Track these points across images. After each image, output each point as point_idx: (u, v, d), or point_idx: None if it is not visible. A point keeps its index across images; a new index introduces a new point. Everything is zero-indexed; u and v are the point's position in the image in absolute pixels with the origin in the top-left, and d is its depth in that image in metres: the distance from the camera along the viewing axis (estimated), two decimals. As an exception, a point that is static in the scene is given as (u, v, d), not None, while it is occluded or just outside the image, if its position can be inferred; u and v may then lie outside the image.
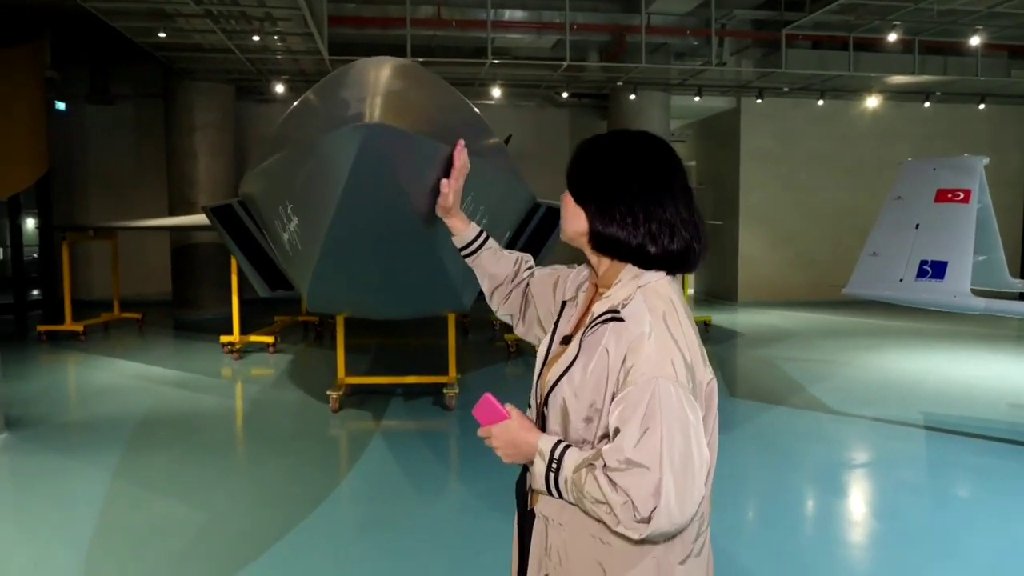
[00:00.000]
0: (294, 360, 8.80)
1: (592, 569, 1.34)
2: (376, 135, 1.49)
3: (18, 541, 3.97)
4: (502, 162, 2.83)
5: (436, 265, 2.05)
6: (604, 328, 1.34)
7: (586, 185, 1.44)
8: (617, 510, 1.24)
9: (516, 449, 1.38)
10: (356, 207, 1.75)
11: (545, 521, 1.40)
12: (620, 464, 1.24)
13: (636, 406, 1.25)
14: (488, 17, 10.39)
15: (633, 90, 12.50)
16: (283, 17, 8.97)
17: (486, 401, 1.40)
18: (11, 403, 6.50)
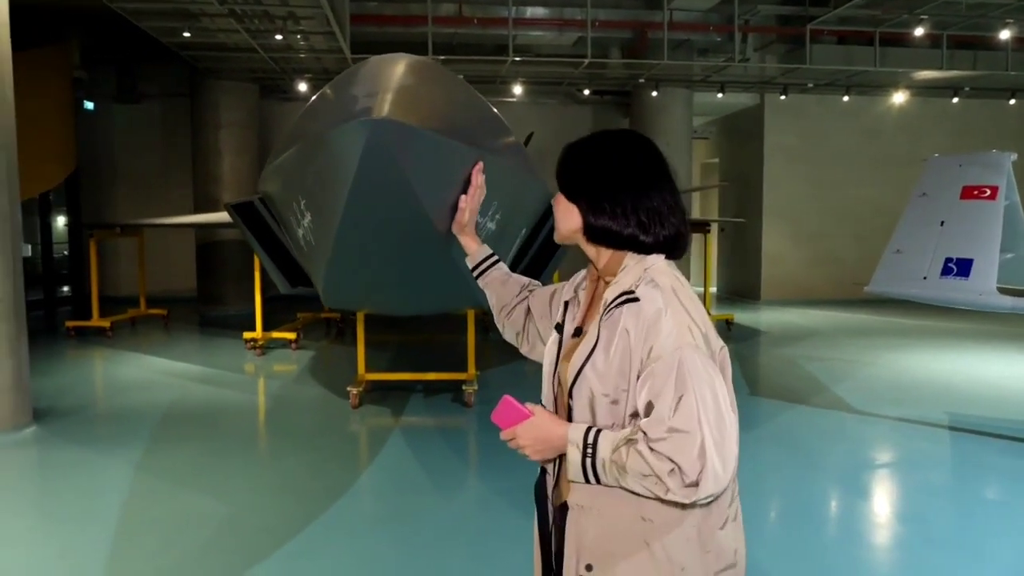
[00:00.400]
0: (316, 356, 8.87)
1: (637, 547, 1.37)
2: (383, 130, 1.50)
3: (44, 532, 4.05)
4: (518, 161, 2.81)
5: (449, 261, 2.05)
6: (620, 311, 1.38)
7: (576, 182, 1.50)
8: (665, 479, 1.27)
9: (546, 444, 1.40)
10: (366, 202, 1.76)
11: (580, 511, 1.42)
12: (663, 434, 1.27)
13: (667, 378, 1.30)
14: (509, 14, 10.39)
15: (655, 87, 12.43)
16: (306, 16, 9.03)
17: (506, 403, 1.41)
18: (39, 397, 6.62)
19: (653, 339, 1.33)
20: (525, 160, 3.24)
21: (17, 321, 5.62)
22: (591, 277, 1.58)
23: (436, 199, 1.74)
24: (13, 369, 5.56)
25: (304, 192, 1.91)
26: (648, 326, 1.34)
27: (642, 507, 1.36)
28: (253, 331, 9.05)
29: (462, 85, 2.47)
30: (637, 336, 1.35)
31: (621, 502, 1.36)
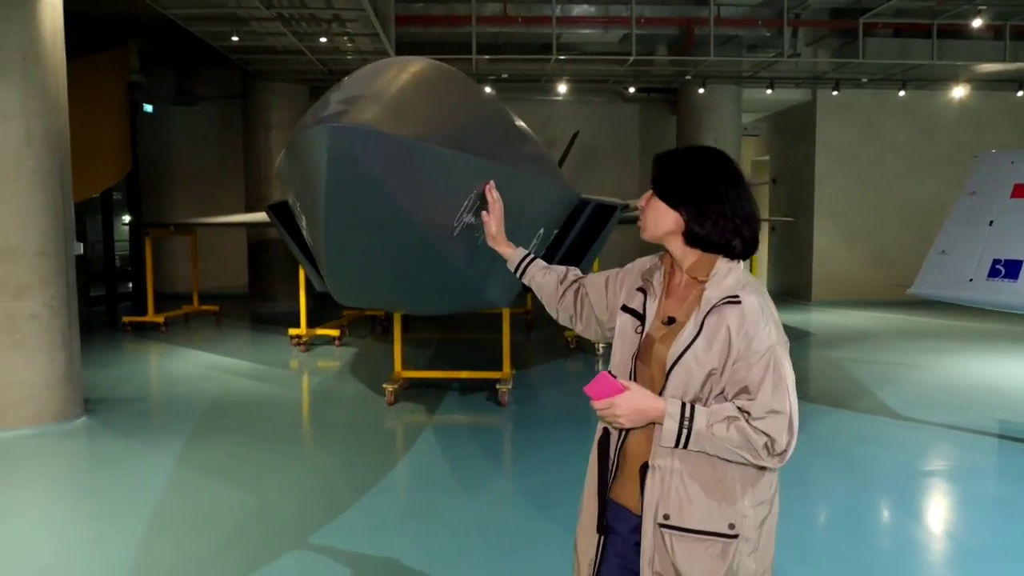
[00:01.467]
0: (358, 353, 9.02)
1: (707, 500, 1.66)
2: (344, 135, 1.51)
3: (82, 519, 4.22)
4: (535, 166, 2.80)
5: (443, 264, 2.06)
6: (724, 310, 1.63)
7: (681, 191, 1.71)
8: (759, 449, 1.59)
9: (641, 414, 1.64)
10: (343, 207, 1.78)
11: (661, 470, 1.67)
12: (763, 414, 1.58)
13: (765, 370, 1.60)
14: (553, 13, 10.37)
15: (703, 83, 12.24)
16: (350, 18, 9.17)
17: (603, 377, 1.64)
18: (93, 388, 6.90)
19: (752, 337, 1.61)
20: (545, 164, 3.23)
21: (69, 316, 5.86)
22: (666, 268, 1.81)
23: (424, 205, 1.76)
24: (65, 362, 5.80)
25: (296, 194, 1.96)
26: (748, 326, 1.61)
27: (714, 469, 1.65)
28: (298, 328, 9.25)
29: (475, 93, 2.47)
30: (737, 333, 1.61)
31: (697, 464, 1.65)
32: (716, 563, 1.65)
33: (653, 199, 1.75)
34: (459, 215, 1.98)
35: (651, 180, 1.76)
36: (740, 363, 1.61)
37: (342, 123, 1.50)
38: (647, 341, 1.76)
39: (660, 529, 1.68)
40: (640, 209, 1.79)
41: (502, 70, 12.43)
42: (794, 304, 13.27)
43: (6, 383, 5.55)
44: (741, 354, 1.61)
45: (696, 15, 11.00)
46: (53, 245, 5.69)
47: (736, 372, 1.62)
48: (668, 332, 1.72)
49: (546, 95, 14.11)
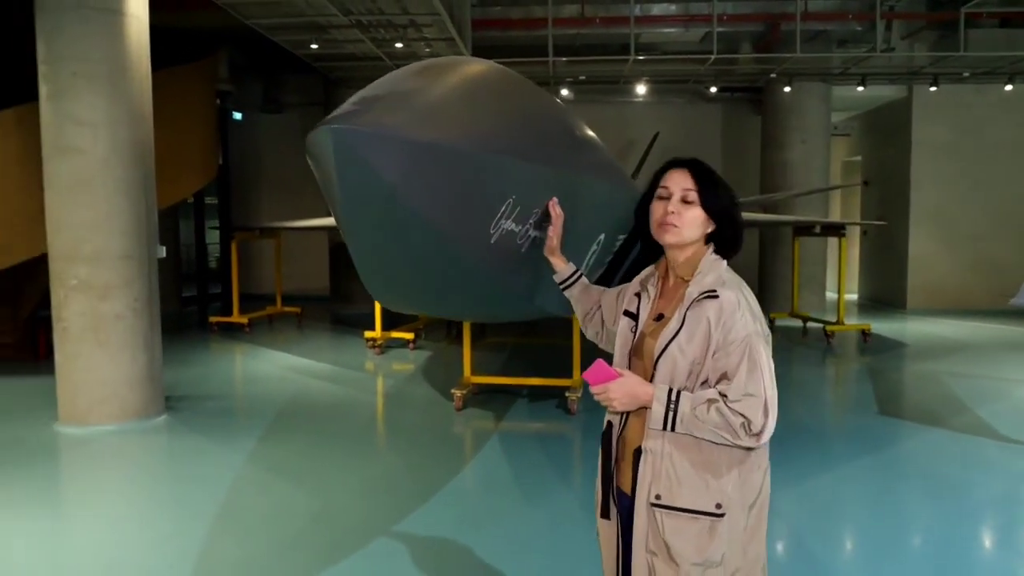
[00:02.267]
0: (432, 357, 9.05)
1: (695, 480, 1.78)
2: (344, 137, 1.44)
3: (153, 515, 4.34)
4: (590, 168, 2.67)
5: (479, 271, 1.97)
6: (704, 304, 1.77)
7: (721, 199, 1.87)
8: (737, 429, 1.71)
9: (633, 398, 1.79)
10: (356, 210, 1.72)
11: (651, 454, 1.80)
12: (739, 396, 1.71)
13: (741, 357, 1.72)
14: (632, 13, 10.16)
15: (788, 81, 11.77)
16: (426, 23, 9.23)
17: (599, 365, 1.79)
18: (177, 387, 7.16)
19: (729, 327, 1.74)
20: (605, 168, 3.08)
21: (151, 318, 6.08)
22: (660, 273, 1.96)
23: (447, 209, 1.68)
24: (147, 362, 6.02)
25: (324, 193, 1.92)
26: (726, 318, 1.74)
27: (702, 451, 1.77)
28: (374, 330, 9.36)
29: (521, 93, 2.36)
30: (716, 324, 1.74)
31: (685, 447, 1.77)
32: (704, 539, 1.77)
33: (694, 207, 1.85)
34: (496, 221, 1.89)
35: (689, 188, 1.85)
36: (720, 352, 1.74)
37: (346, 124, 1.43)
38: (639, 337, 1.91)
39: (652, 508, 1.80)
40: (670, 214, 1.85)
41: (579, 72, 12.29)
42: (887, 312, 12.58)
43: (91, 381, 5.79)
44: (720, 344, 1.74)
45: (782, 10, 10.60)
46: (136, 249, 5.91)
47: (716, 361, 1.75)
48: (656, 327, 1.87)
49: (625, 96, 13.89)
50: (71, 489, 4.90)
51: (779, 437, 1.81)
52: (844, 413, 6.97)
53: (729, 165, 14.42)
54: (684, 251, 1.88)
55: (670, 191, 1.87)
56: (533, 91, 2.57)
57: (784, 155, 12.36)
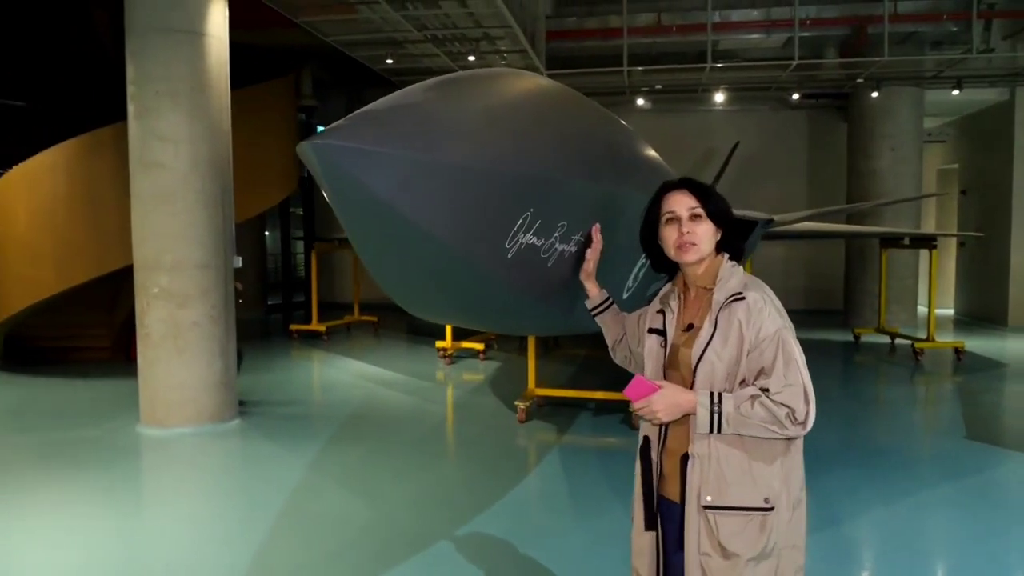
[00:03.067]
0: (501, 368, 9.06)
1: (742, 478, 1.85)
2: (324, 152, 1.43)
3: (215, 518, 4.49)
4: (628, 180, 2.59)
5: (499, 285, 1.93)
6: (732, 307, 1.86)
7: (723, 210, 1.99)
8: (783, 419, 1.79)
9: (676, 407, 1.84)
10: (354, 223, 1.72)
11: (699, 459, 1.86)
12: (780, 388, 1.79)
13: (776, 351, 1.82)
14: (709, 19, 9.95)
15: (876, 86, 11.27)
16: (499, 36, 9.30)
17: (638, 380, 1.85)
18: (252, 392, 7.42)
19: (758, 325, 1.83)
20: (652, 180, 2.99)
21: (226, 326, 6.32)
22: (679, 289, 2.04)
23: (450, 223, 1.66)
24: (221, 369, 6.25)
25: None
26: (755, 317, 1.84)
27: (746, 449, 1.84)
28: (445, 340, 9.45)
29: (570, 109, 2.31)
30: (747, 324, 1.84)
31: (730, 447, 1.84)
32: (757, 536, 1.84)
33: (703, 221, 1.96)
34: (512, 235, 1.85)
35: (694, 205, 1.96)
36: (754, 351, 1.83)
37: (329, 140, 1.43)
38: (672, 350, 1.98)
39: (704, 512, 1.86)
40: (685, 234, 1.95)
41: (656, 81, 12.12)
42: (985, 329, 11.83)
43: (170, 386, 6.06)
44: (753, 343, 1.83)
45: (869, 13, 10.16)
46: (214, 259, 6.16)
47: (751, 359, 1.84)
48: (689, 336, 1.94)
49: (704, 105, 13.61)
50: (144, 488, 5.12)
51: (857, 460, 1.82)
52: (929, 436, 6.57)
53: (814, 174, 13.92)
54: (702, 264, 1.98)
55: (677, 213, 1.98)
56: (574, 104, 2.51)
57: (872, 163, 11.83)
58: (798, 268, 14.01)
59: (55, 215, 8.12)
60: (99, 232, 7.94)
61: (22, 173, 8.25)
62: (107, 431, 6.14)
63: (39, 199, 8.20)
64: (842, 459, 5.31)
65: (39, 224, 8.18)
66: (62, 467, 5.30)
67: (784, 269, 13.71)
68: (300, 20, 8.66)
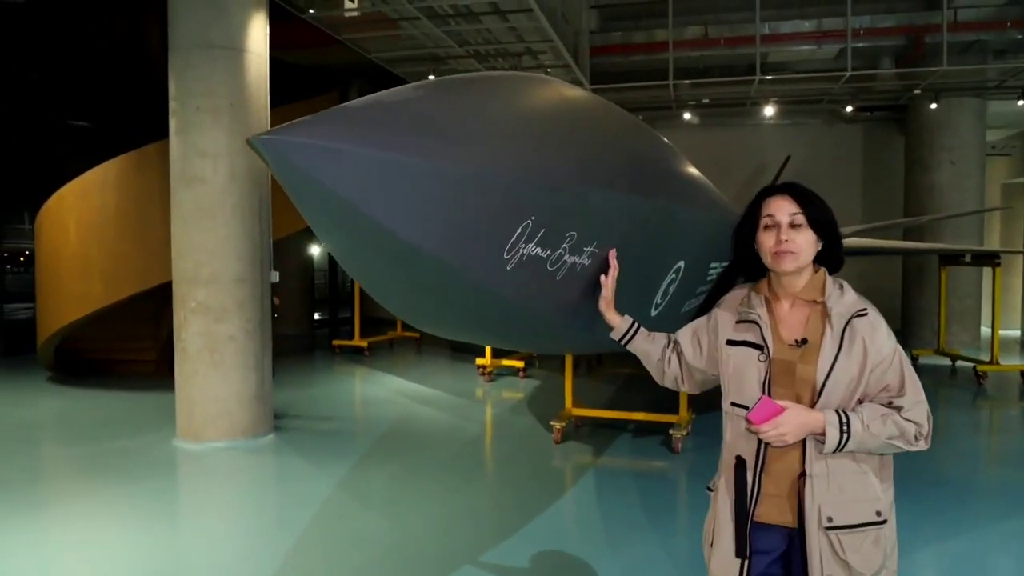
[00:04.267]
0: (541, 386, 8.90)
1: (861, 492, 1.83)
2: (271, 147, 1.32)
3: (238, 533, 4.42)
4: (664, 196, 2.44)
5: (497, 299, 1.80)
6: (857, 323, 1.82)
7: (827, 217, 1.90)
8: (910, 436, 1.79)
9: (804, 427, 1.77)
10: (320, 225, 1.60)
11: (817, 478, 1.81)
12: (911, 405, 1.79)
13: (899, 368, 1.81)
14: (758, 32, 9.70)
15: (935, 98, 10.83)
16: (541, 50, 9.24)
17: (765, 402, 1.77)
18: (290, 406, 7.42)
19: (881, 343, 1.81)
20: (691, 194, 2.82)
21: (262, 339, 6.31)
22: (765, 297, 1.94)
23: (432, 231, 1.54)
24: (256, 382, 6.24)
25: None
26: (875, 333, 1.82)
27: (858, 465, 1.82)
28: (484, 357, 9.33)
29: (588, 115, 2.18)
30: (870, 341, 1.81)
31: (844, 464, 1.81)
32: (874, 549, 1.82)
33: (804, 229, 1.87)
34: (510, 245, 1.72)
35: (796, 212, 1.87)
36: (878, 368, 1.80)
37: (280, 136, 1.33)
38: (781, 366, 1.86)
39: (826, 532, 1.80)
40: (784, 242, 1.86)
41: (703, 95, 11.89)
42: (1057, 352, 11.19)
43: (206, 399, 6.07)
44: (876, 361, 1.80)
45: (927, 21, 9.78)
46: (250, 273, 6.17)
47: (874, 377, 1.81)
48: (805, 352, 1.85)
49: (754, 119, 13.30)
50: (170, 502, 5.09)
51: (917, 492, 1.69)
52: (994, 466, 6.17)
53: (870, 189, 13.46)
54: (802, 274, 1.90)
55: (776, 219, 1.89)
56: (596, 111, 2.37)
57: (931, 177, 11.36)
58: (853, 286, 13.49)
59: (104, 230, 8.29)
60: (145, 247, 8.07)
61: (73, 189, 8.47)
62: (144, 444, 6.17)
63: (89, 214, 8.39)
64: (900, 490, 4.97)
65: (89, 239, 8.37)
66: (95, 479, 5.34)
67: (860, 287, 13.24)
68: (343, 37, 8.74)
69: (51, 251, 8.75)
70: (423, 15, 7.99)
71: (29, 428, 6.99)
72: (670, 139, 3.61)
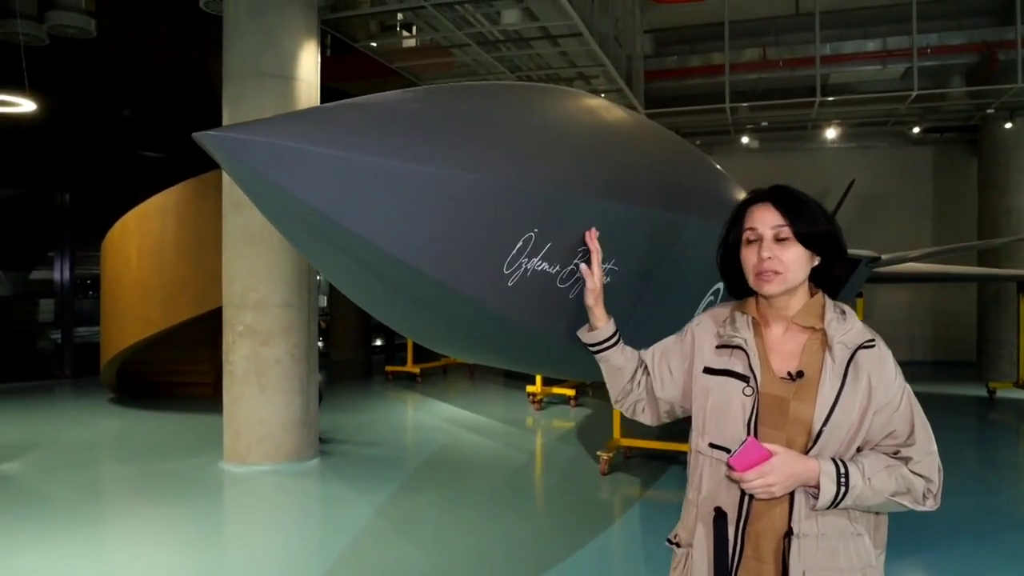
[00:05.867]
0: (592, 415, 8.70)
1: (855, 558, 1.55)
2: (220, 144, 1.23)
3: (272, 560, 4.37)
4: (695, 211, 2.29)
5: (493, 317, 1.67)
6: (860, 357, 1.55)
7: (820, 230, 1.60)
8: (918, 493, 1.54)
9: (795, 478, 1.50)
10: (289, 232, 1.52)
11: (806, 538, 1.53)
12: (922, 457, 1.54)
13: (909, 411, 1.56)
14: (817, 52, 9.43)
15: (1009, 117, 10.32)
16: (593, 75, 9.17)
17: (751, 445, 1.49)
18: (337, 431, 7.42)
19: (888, 380, 1.55)
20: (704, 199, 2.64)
21: (309, 364, 6.33)
22: (754, 318, 1.65)
23: (420, 241, 1.44)
24: (301, 407, 6.25)
25: None
26: (884, 369, 1.55)
27: (852, 525, 1.55)
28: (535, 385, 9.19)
29: (608, 123, 2.07)
30: (879, 379, 1.54)
31: (834, 522, 1.54)
32: None
33: (791, 244, 1.59)
34: (511, 259, 1.61)
35: (780, 224, 1.59)
36: (884, 411, 1.55)
37: (235, 133, 1.25)
38: (771, 402, 1.57)
39: None
40: (766, 260, 1.58)
41: (762, 118, 11.62)
42: None
43: (252, 422, 6.11)
44: (883, 402, 1.55)
45: (999, 37, 9.35)
46: (297, 298, 6.21)
47: (879, 420, 1.55)
48: (801, 388, 1.57)
49: (816, 143, 12.93)
50: (211, 525, 5.08)
51: (993, 535, 1.47)
52: (1080, 509, 5.69)
53: (942, 213, 12.90)
54: (794, 296, 1.62)
55: (759, 232, 1.61)
56: (626, 122, 2.26)
57: (1008, 200, 10.79)
58: (924, 315, 12.92)
59: (164, 255, 8.53)
60: (202, 271, 8.25)
61: (136, 216, 8.75)
62: (192, 466, 6.23)
63: (150, 240, 8.64)
64: (975, 533, 4.63)
65: (149, 264, 8.61)
66: (145, 498, 5.41)
67: (909, 316, 12.69)
68: (396, 66, 8.85)
69: (114, 276, 9.04)
70: (473, 41, 8.03)
71: (86, 448, 7.16)
72: (728, 164, 3.45)
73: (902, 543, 3.73)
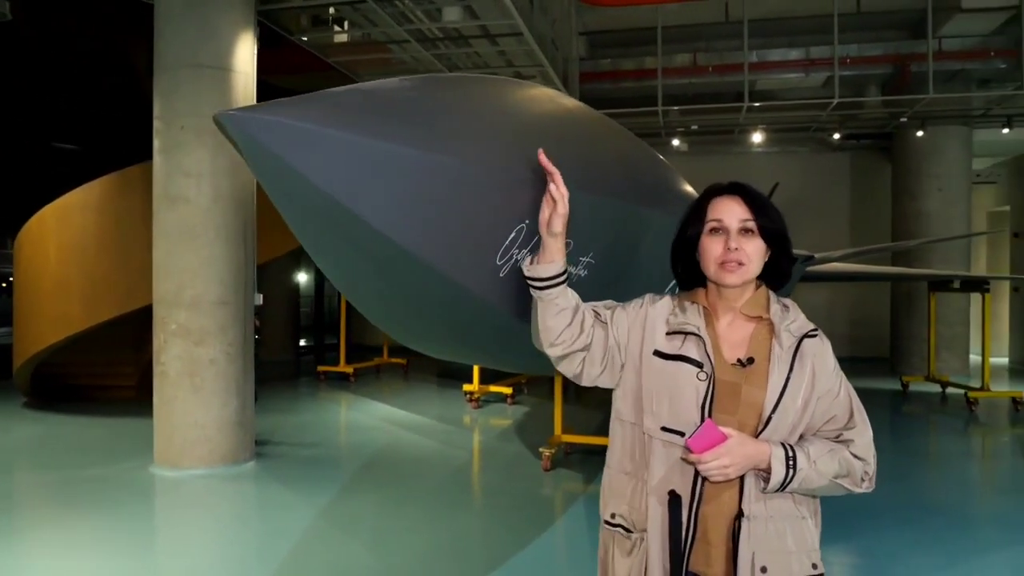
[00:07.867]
0: (530, 413, 8.75)
1: (801, 540, 1.62)
2: (236, 123, 1.21)
3: (211, 565, 4.24)
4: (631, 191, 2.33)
5: (484, 309, 1.69)
6: (806, 345, 1.64)
7: (777, 224, 1.67)
8: (859, 476, 1.62)
9: (749, 460, 1.55)
10: (294, 221, 1.51)
11: (756, 520, 1.58)
12: (861, 440, 1.63)
13: (848, 397, 1.65)
14: (745, 59, 9.76)
15: (921, 126, 10.91)
16: (531, 75, 9.23)
17: (708, 427, 1.53)
18: (272, 433, 7.24)
19: (829, 368, 1.65)
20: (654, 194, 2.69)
21: (244, 364, 6.16)
22: (703, 310, 1.68)
23: (421, 233, 1.44)
24: (238, 408, 6.08)
25: None
26: (826, 358, 1.65)
27: (796, 507, 1.62)
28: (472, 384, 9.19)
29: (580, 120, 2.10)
30: (821, 366, 1.63)
31: (781, 506, 1.60)
32: None
33: (754, 237, 1.65)
34: (504, 250, 1.61)
35: (747, 218, 1.64)
36: (826, 396, 1.63)
37: (252, 114, 1.23)
38: (724, 388, 1.62)
39: None
40: (732, 251, 1.63)
41: (692, 122, 11.94)
42: (1046, 379, 11.16)
43: (185, 424, 5.90)
44: (824, 388, 1.63)
45: (912, 50, 9.87)
46: (233, 295, 6.04)
47: (820, 406, 1.63)
48: (751, 373, 1.63)
49: (742, 147, 13.37)
50: (145, 531, 4.90)
51: (909, 520, 1.53)
52: (988, 493, 6.07)
53: (858, 216, 13.52)
54: (746, 288, 1.68)
55: (724, 224, 1.65)
56: (587, 118, 2.30)
57: (918, 204, 11.42)
58: (842, 313, 13.51)
59: (85, 252, 8.14)
60: (127, 269, 7.92)
61: (54, 210, 8.33)
62: (120, 471, 5.98)
63: (70, 236, 8.24)
64: (892, 519, 4.88)
65: (69, 260, 8.21)
66: (69, 506, 5.14)
67: (829, 315, 13.23)
68: (332, 60, 8.71)
69: (30, 273, 8.58)
70: (412, 38, 7.97)
71: (1, 454, 6.77)
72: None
73: (834, 528, 3.91)
